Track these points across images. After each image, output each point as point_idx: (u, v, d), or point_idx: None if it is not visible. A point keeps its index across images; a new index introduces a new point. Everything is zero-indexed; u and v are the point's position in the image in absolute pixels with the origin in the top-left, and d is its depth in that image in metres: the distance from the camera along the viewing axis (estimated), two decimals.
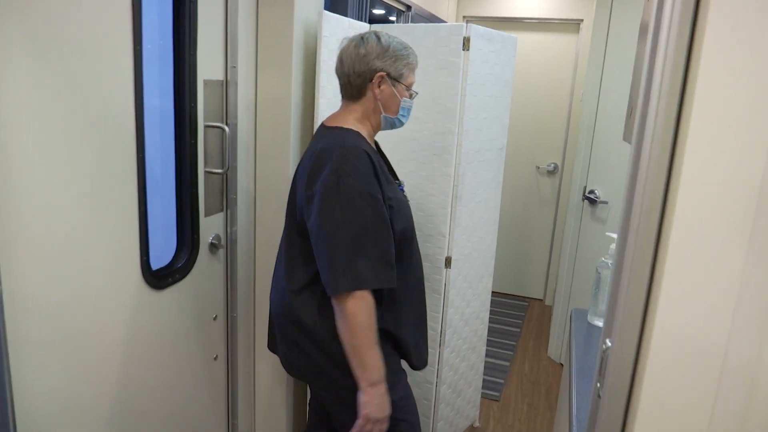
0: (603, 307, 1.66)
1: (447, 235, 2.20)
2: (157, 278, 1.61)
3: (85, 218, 1.32)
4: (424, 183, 2.20)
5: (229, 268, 1.94)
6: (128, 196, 1.45)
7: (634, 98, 0.86)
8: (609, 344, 0.53)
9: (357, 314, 1.33)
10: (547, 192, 4.23)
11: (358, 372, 1.36)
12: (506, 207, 4.03)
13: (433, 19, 3.43)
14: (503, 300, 4.28)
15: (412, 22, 3.04)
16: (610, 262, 1.62)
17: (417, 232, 1.71)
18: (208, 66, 1.71)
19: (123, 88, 1.39)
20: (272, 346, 1.67)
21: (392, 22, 3.09)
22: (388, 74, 1.46)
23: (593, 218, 3.09)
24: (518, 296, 4.40)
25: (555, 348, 3.45)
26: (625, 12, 2.82)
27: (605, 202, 2.99)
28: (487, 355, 2.94)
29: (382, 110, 1.50)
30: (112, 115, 1.36)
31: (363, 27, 2.15)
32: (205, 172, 1.77)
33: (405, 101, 1.52)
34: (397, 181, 1.61)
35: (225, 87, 1.80)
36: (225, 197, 1.88)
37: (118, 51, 1.36)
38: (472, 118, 2.16)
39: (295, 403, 2.22)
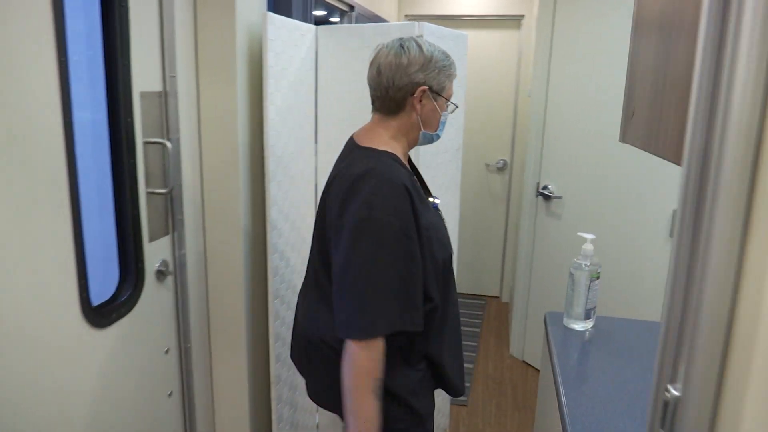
0: (579, 309, 1.61)
1: None
2: (100, 315, 1.44)
3: (10, 252, 1.15)
4: None
5: (180, 296, 1.78)
6: (61, 225, 1.28)
7: (632, 97, 0.80)
8: (675, 393, 0.45)
9: (362, 360, 1.20)
10: (498, 189, 4.22)
11: (349, 419, 1.23)
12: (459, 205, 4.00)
13: (375, 19, 3.34)
14: (461, 300, 4.24)
15: (355, 22, 2.94)
16: (584, 263, 1.57)
17: None
18: (144, 76, 1.55)
19: (48, 103, 1.22)
20: (300, 367, 1.52)
21: (335, 22, 2.98)
22: (430, 88, 1.31)
23: (548, 214, 3.08)
24: (475, 295, 4.38)
25: (516, 346, 3.43)
26: (569, 8, 2.82)
27: (559, 197, 2.99)
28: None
29: (421, 126, 1.35)
30: (37, 134, 1.19)
31: (309, 29, 2.03)
32: (147, 192, 1.61)
33: (443, 115, 1.38)
34: (430, 199, 1.47)
35: (164, 98, 1.64)
36: (171, 219, 1.72)
37: (40, 63, 1.19)
38: None
39: None
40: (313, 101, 2.12)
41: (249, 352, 1.96)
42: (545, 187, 3.05)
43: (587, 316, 1.61)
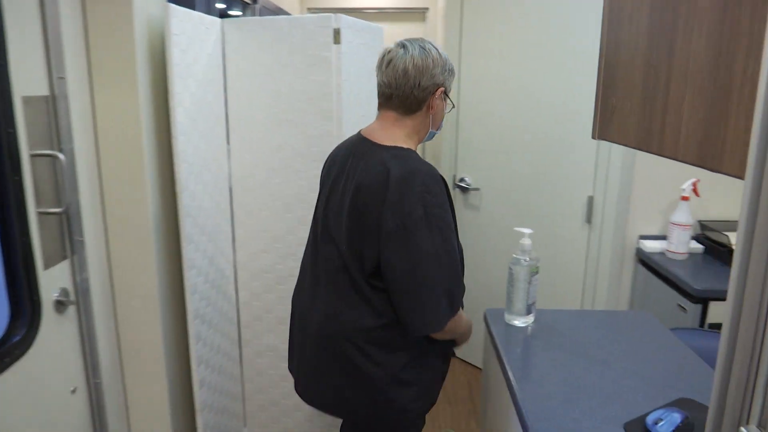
0: (520, 305, 1.59)
1: None
2: None
3: None
4: (306, 194, 1.98)
5: (85, 327, 1.57)
6: None
7: (611, 91, 0.75)
8: None
9: (455, 327, 1.37)
10: None
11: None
12: None
13: (279, 12, 3.18)
14: None
15: (259, 15, 2.77)
16: (522, 258, 1.55)
17: (302, 248, 1.65)
18: (26, 79, 1.33)
19: None
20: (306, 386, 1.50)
21: (236, 16, 2.79)
22: (445, 88, 1.38)
23: (466, 206, 3.09)
24: None
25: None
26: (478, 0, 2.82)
27: (477, 189, 3.00)
28: None
29: (431, 125, 1.41)
30: None
31: (214, 22, 1.86)
32: (39, 213, 1.39)
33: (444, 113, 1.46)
34: None
35: (52, 104, 1.42)
36: (68, 241, 1.50)
37: None
38: (350, 118, 1.98)
39: None
40: (222, 100, 1.96)
41: (169, 380, 1.78)
42: (462, 180, 3.05)
43: (528, 311, 1.59)
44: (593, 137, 0.97)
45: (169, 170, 1.74)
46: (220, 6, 2.80)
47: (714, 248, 2.35)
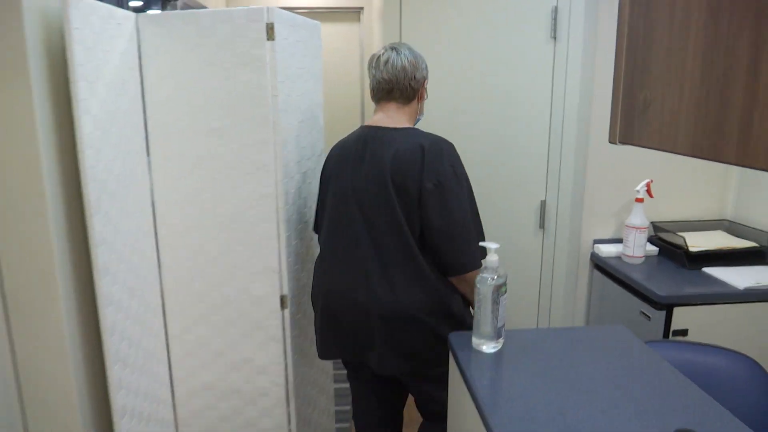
0: (488, 328, 1.43)
1: (279, 270, 1.79)
2: None
3: None
4: (243, 211, 1.75)
5: None
6: None
7: (640, 84, 0.60)
8: None
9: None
10: None
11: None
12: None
13: (201, 8, 2.91)
14: None
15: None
16: (489, 277, 1.39)
17: (241, 271, 1.80)
18: None
19: None
20: (355, 353, 1.70)
21: (150, 10, 2.51)
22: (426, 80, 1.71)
23: None
24: None
25: None
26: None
27: None
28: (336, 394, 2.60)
29: (419, 111, 1.75)
30: None
31: (127, 16, 1.60)
32: None
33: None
34: None
35: None
36: None
37: None
38: (289, 123, 1.77)
39: None
40: (140, 106, 1.70)
41: None
42: None
43: (498, 335, 1.44)
44: (611, 141, 0.81)
45: (76, 190, 1.48)
46: (136, 4, 2.51)
47: (669, 250, 2.30)
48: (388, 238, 1.55)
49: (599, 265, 2.41)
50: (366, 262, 1.58)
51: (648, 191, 2.28)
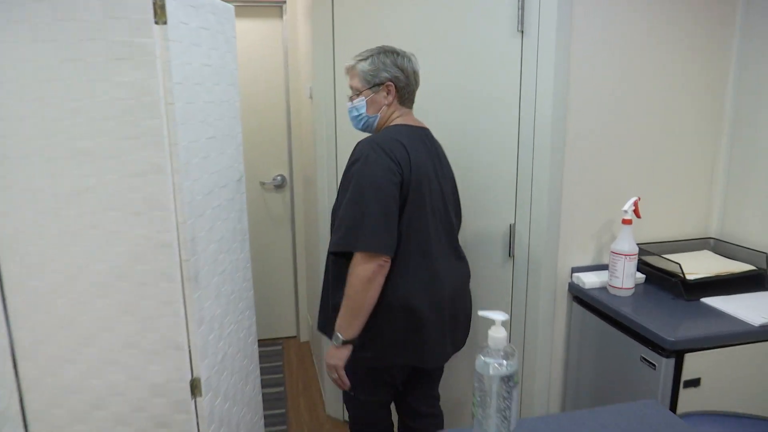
0: (494, 422, 1.00)
1: (187, 346, 1.28)
2: None
3: None
4: (128, 265, 1.23)
5: None
6: None
7: None
8: None
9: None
10: (279, 210, 3.51)
11: None
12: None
13: None
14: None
15: None
16: (494, 362, 0.96)
17: (131, 351, 1.31)
18: None
19: None
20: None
21: None
22: None
23: None
24: (269, 340, 3.61)
25: (333, 402, 2.77)
26: None
27: None
28: None
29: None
30: None
31: None
32: None
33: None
34: None
35: None
36: None
37: None
38: (192, 142, 1.28)
39: None
40: None
41: None
42: None
43: None
44: None
45: None
46: None
47: (659, 277, 1.97)
48: (457, 233, 1.71)
49: (579, 297, 2.05)
50: (461, 259, 1.70)
51: (635, 211, 1.95)
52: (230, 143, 1.52)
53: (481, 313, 1.01)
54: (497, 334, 0.97)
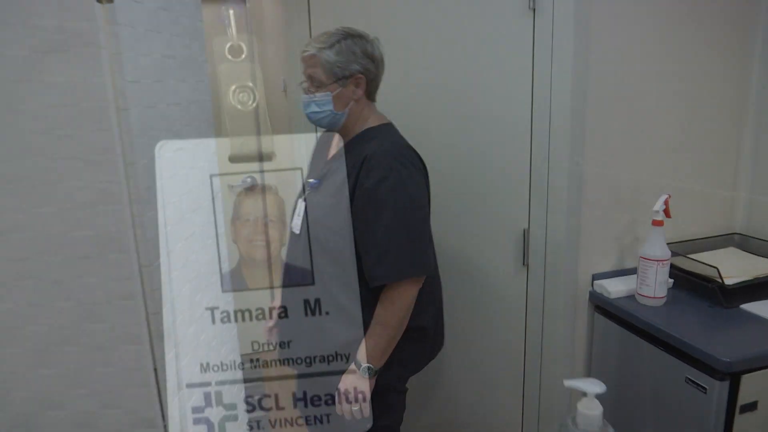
0: None
1: (163, 422, 0.99)
2: None
3: None
4: (77, 325, 0.93)
5: None
6: None
7: None
8: None
9: None
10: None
11: None
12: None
13: None
14: None
15: None
16: None
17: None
18: None
19: None
20: None
21: None
22: None
23: None
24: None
25: None
26: None
27: None
28: None
29: None
30: None
31: None
32: None
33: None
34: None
35: None
36: None
37: None
38: (162, 155, 0.98)
39: None
40: None
41: None
42: None
43: None
44: None
45: None
46: None
47: (691, 281, 1.77)
48: None
49: (601, 307, 1.84)
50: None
51: (665, 210, 1.73)
52: (203, 153, 1.22)
53: (567, 383, 0.76)
54: (590, 411, 0.72)
